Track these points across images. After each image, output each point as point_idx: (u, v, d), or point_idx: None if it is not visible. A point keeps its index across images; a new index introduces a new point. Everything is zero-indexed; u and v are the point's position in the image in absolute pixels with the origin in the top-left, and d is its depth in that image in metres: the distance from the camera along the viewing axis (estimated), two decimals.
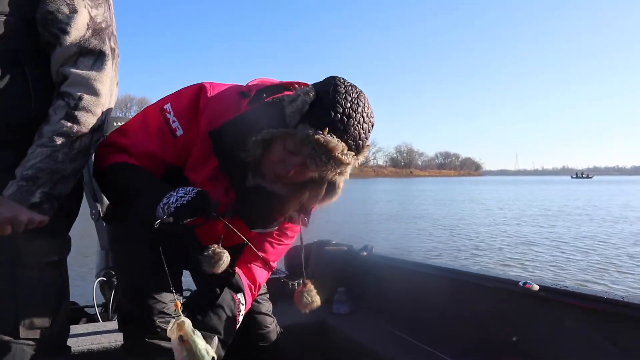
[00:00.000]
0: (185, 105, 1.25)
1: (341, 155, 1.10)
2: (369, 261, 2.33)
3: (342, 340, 2.05)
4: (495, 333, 1.61)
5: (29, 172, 1.04)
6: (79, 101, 1.09)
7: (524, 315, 1.54)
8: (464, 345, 1.70)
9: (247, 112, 1.21)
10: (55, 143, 1.06)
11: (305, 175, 1.18)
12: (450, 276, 1.85)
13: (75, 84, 1.10)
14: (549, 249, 9.54)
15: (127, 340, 1.33)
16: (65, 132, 1.08)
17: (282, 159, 1.16)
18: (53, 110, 1.09)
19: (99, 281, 2.59)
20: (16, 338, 1.09)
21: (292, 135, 1.11)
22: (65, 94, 1.09)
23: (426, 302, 1.94)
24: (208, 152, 1.24)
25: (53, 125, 1.07)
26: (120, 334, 1.96)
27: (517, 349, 1.51)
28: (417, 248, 9.67)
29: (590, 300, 1.33)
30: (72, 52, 1.10)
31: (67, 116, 1.08)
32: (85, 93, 1.10)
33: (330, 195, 1.26)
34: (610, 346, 1.28)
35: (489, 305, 1.66)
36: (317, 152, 1.09)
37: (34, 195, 1.04)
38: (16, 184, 1.04)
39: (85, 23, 1.12)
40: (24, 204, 1.04)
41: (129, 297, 1.31)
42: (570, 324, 1.39)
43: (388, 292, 2.18)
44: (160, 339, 1.24)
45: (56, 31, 1.10)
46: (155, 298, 1.26)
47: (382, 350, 1.83)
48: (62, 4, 1.10)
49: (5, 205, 1.03)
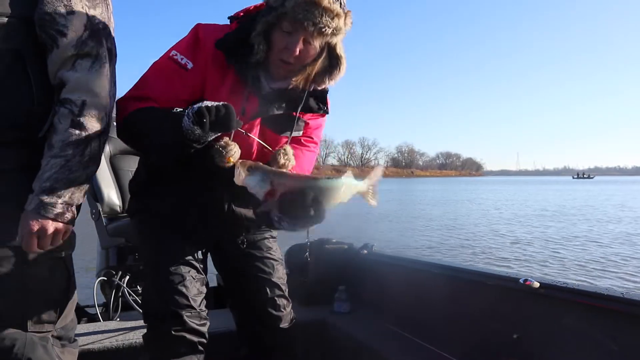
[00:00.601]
0: (187, 42, 1.32)
1: (329, 4, 1.21)
2: (370, 259, 2.33)
3: (343, 339, 2.05)
4: (496, 330, 1.61)
5: (47, 185, 1.07)
6: (82, 107, 1.10)
7: (524, 313, 1.53)
8: (465, 343, 1.70)
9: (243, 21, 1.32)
10: (67, 152, 1.09)
11: (309, 52, 1.28)
12: (450, 274, 1.85)
13: (75, 90, 1.10)
14: (551, 247, 9.57)
15: (151, 332, 1.37)
16: (75, 141, 1.09)
17: (284, 44, 1.25)
18: (58, 120, 1.10)
19: (99, 281, 2.59)
20: (25, 331, 1.12)
21: (284, 13, 1.22)
22: (67, 100, 1.10)
23: (427, 300, 1.94)
24: (221, 70, 1.30)
25: (61, 134, 1.09)
26: (121, 334, 1.98)
27: (517, 346, 1.51)
28: (418, 246, 9.69)
29: (590, 297, 1.33)
30: (70, 55, 1.11)
31: (73, 124, 1.09)
32: (86, 98, 1.11)
33: (337, 68, 1.35)
34: (610, 343, 1.28)
35: (490, 302, 1.66)
36: (308, 9, 1.20)
37: (56, 206, 1.07)
38: (37, 198, 1.07)
39: (82, 24, 1.13)
40: (48, 216, 1.07)
41: (154, 290, 1.37)
42: (571, 321, 1.39)
43: (388, 290, 2.18)
44: (186, 332, 1.31)
45: (53, 33, 1.10)
46: (181, 291, 1.33)
47: (383, 349, 1.83)
48: (60, 5, 1.10)
49: (30, 219, 1.06)
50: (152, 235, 1.42)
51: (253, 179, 1.16)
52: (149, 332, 1.37)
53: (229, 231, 1.48)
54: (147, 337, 1.38)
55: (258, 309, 1.48)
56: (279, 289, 1.51)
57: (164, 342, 1.31)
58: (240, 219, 1.45)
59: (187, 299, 1.33)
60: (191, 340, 1.32)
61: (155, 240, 1.41)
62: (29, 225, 1.06)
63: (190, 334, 1.31)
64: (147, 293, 1.42)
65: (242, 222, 1.46)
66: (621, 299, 1.26)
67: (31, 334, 1.13)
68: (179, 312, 1.31)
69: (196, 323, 1.33)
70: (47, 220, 1.07)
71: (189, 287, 1.35)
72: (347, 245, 2.48)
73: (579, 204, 23.74)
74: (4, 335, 1.09)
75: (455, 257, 8.54)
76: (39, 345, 1.13)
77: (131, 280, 2.65)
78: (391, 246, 9.41)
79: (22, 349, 1.10)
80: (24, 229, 1.07)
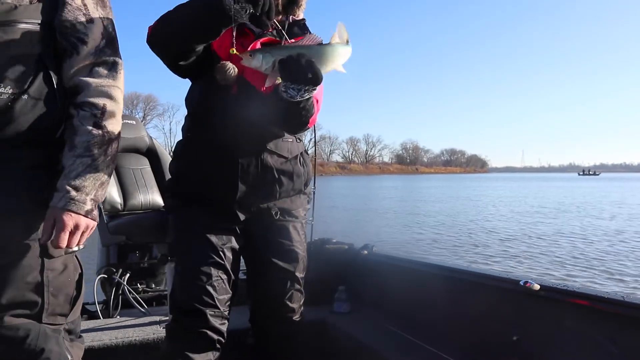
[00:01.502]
0: None
1: None
2: (370, 260, 2.33)
3: (343, 339, 2.05)
4: (496, 332, 1.61)
5: (76, 183, 1.13)
6: (104, 110, 1.17)
7: (524, 314, 1.53)
8: (464, 344, 1.70)
9: None
10: (93, 152, 1.15)
11: None
12: (450, 275, 1.85)
13: (96, 94, 1.17)
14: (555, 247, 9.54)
15: (174, 324, 1.45)
16: (99, 141, 1.16)
17: None
18: (80, 122, 1.16)
19: (99, 278, 2.60)
20: (39, 322, 1.15)
21: None
22: (87, 104, 1.17)
23: (427, 301, 1.94)
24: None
25: (85, 135, 1.15)
26: (121, 331, 1.98)
27: (517, 348, 1.51)
28: (424, 246, 9.68)
29: (590, 300, 1.33)
30: (88, 62, 1.18)
31: (96, 126, 1.16)
32: (106, 103, 1.18)
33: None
34: (610, 346, 1.28)
35: (490, 304, 1.66)
36: None
37: (86, 203, 1.14)
38: (67, 195, 1.12)
39: (100, 33, 1.20)
40: (80, 212, 1.13)
41: (183, 285, 1.44)
42: (571, 324, 1.39)
43: (388, 290, 2.18)
44: (208, 329, 1.39)
45: (75, 40, 1.17)
46: (208, 291, 1.40)
47: (383, 349, 1.83)
48: (80, 14, 1.18)
49: (63, 215, 1.11)
50: (186, 230, 1.49)
51: (256, 60, 1.30)
52: (173, 323, 1.46)
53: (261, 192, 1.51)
54: (170, 329, 1.47)
55: (276, 299, 1.55)
56: (299, 283, 1.58)
57: (186, 336, 1.40)
58: (271, 170, 1.49)
59: (212, 298, 1.40)
60: (211, 338, 1.40)
61: (188, 237, 1.48)
62: (62, 221, 1.11)
63: (211, 332, 1.40)
64: (177, 287, 1.48)
65: (274, 175, 1.50)
66: (621, 302, 1.26)
67: (45, 325, 1.15)
68: (203, 309, 1.38)
69: (218, 322, 1.41)
70: (79, 217, 1.13)
71: (216, 286, 1.42)
72: (347, 245, 2.48)
73: (589, 200, 23.66)
74: (19, 325, 1.12)
75: (454, 255, 8.57)
76: (51, 337, 1.16)
77: (131, 278, 2.65)
78: (394, 243, 9.44)
79: (35, 340, 1.13)
80: (57, 224, 1.11)
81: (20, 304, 1.12)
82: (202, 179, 1.50)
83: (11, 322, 1.11)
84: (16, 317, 1.12)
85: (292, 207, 1.59)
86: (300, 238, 1.61)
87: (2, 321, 1.10)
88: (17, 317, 1.12)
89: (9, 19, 1.08)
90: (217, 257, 1.44)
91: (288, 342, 1.60)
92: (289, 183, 1.55)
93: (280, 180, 1.53)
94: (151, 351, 1.86)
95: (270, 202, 1.54)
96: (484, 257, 8.25)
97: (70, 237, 1.13)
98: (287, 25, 1.53)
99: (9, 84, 1.08)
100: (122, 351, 1.85)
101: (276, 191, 1.53)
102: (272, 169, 1.50)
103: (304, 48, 1.32)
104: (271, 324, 1.58)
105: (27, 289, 1.13)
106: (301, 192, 1.63)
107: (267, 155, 1.49)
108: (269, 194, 1.53)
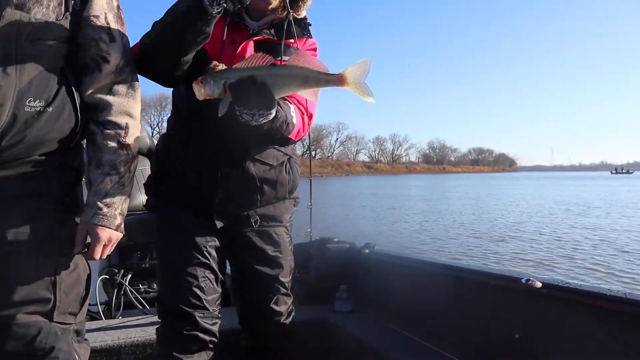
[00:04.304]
0: None
1: None
2: (371, 259, 2.33)
3: (344, 338, 2.05)
4: (498, 330, 1.61)
5: (107, 200, 1.20)
6: (127, 129, 1.24)
7: (526, 313, 1.53)
8: (466, 343, 1.70)
9: None
10: (120, 170, 1.22)
11: None
12: (452, 273, 1.85)
13: (118, 113, 1.23)
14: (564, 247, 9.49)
15: (164, 329, 1.43)
16: (124, 160, 1.23)
17: None
18: (104, 140, 1.22)
19: (101, 279, 2.60)
20: (50, 320, 1.17)
21: None
22: (110, 123, 1.22)
23: (428, 300, 1.94)
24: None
25: (110, 154, 1.22)
26: (123, 332, 1.98)
27: (519, 346, 1.51)
28: (448, 246, 9.64)
29: (592, 298, 1.33)
30: (110, 80, 1.23)
31: (120, 145, 1.22)
32: (129, 121, 1.24)
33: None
34: (613, 344, 1.27)
35: (491, 302, 1.66)
36: None
37: (116, 218, 1.22)
38: (99, 212, 1.20)
39: (120, 52, 1.25)
40: (111, 227, 1.21)
41: (170, 289, 1.42)
42: (573, 321, 1.39)
43: (390, 289, 2.18)
44: (198, 331, 1.37)
45: (98, 58, 1.22)
46: (196, 293, 1.39)
47: (384, 348, 1.83)
48: (103, 33, 1.23)
49: (98, 229, 1.19)
50: (168, 231, 1.48)
51: (208, 87, 1.22)
52: (163, 328, 1.44)
53: (241, 200, 1.49)
54: (161, 333, 1.45)
55: (261, 304, 1.54)
56: (284, 287, 1.56)
57: (177, 340, 1.38)
58: (253, 178, 1.47)
59: (200, 300, 1.39)
60: (203, 339, 1.39)
61: (171, 237, 1.46)
62: (97, 235, 1.19)
63: (202, 333, 1.39)
64: (163, 291, 1.47)
65: (256, 183, 1.47)
66: (624, 300, 1.25)
67: (55, 324, 1.17)
68: (192, 312, 1.38)
69: (208, 323, 1.40)
70: (112, 231, 1.21)
71: (203, 287, 1.40)
72: (348, 244, 2.48)
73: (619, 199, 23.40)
74: (31, 322, 1.14)
75: (466, 253, 8.53)
76: (61, 337, 1.18)
77: (133, 279, 2.66)
78: (409, 242, 9.42)
79: (45, 338, 1.15)
80: (93, 239, 1.19)
81: (33, 301, 1.14)
82: (181, 179, 1.48)
83: (23, 320, 1.13)
84: (28, 314, 1.14)
85: (275, 212, 1.56)
86: (284, 242, 1.57)
87: (14, 318, 1.12)
88: (29, 314, 1.14)
89: (40, 35, 1.13)
90: (202, 257, 1.42)
91: (280, 342, 1.59)
92: (271, 192, 1.51)
93: (262, 189, 1.49)
94: (153, 351, 1.87)
95: (250, 210, 1.51)
96: (507, 259, 8.18)
97: (104, 249, 1.22)
98: (287, 23, 1.48)
99: (38, 98, 1.13)
100: (124, 352, 1.85)
101: (257, 200, 1.50)
102: (254, 177, 1.46)
103: (256, 70, 1.22)
104: (260, 327, 1.58)
105: (41, 286, 1.15)
106: (285, 198, 1.59)
107: (249, 164, 1.45)
108: (249, 202, 1.50)
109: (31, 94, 1.11)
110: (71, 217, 1.23)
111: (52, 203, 1.19)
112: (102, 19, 1.23)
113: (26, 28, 1.10)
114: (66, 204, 1.22)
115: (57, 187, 1.20)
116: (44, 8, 1.13)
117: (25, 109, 1.10)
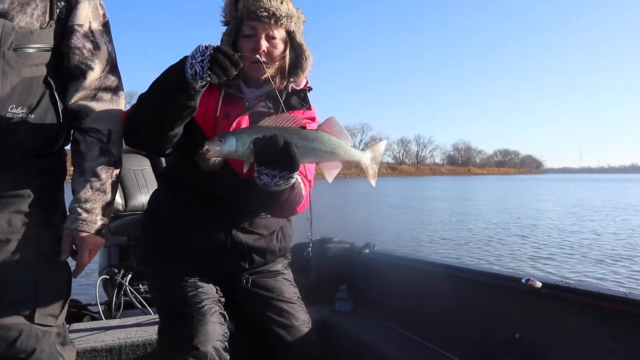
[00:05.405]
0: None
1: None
2: (371, 259, 2.33)
3: (344, 338, 2.05)
4: (498, 330, 1.61)
5: (86, 205, 1.21)
6: (110, 136, 1.24)
7: (526, 312, 1.53)
8: (466, 343, 1.70)
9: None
10: (101, 177, 1.23)
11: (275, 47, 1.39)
12: (452, 273, 1.85)
13: (101, 120, 1.24)
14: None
15: (165, 329, 1.40)
16: (106, 167, 1.24)
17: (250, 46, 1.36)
18: (87, 147, 1.23)
19: (101, 279, 2.60)
20: (31, 322, 1.16)
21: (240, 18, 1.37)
22: (93, 130, 1.24)
23: (428, 300, 1.94)
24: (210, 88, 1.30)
25: (93, 161, 1.23)
26: (123, 332, 1.98)
27: (519, 346, 1.51)
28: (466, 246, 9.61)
29: (593, 297, 1.33)
30: (94, 87, 1.25)
31: (102, 152, 1.23)
32: (111, 127, 1.25)
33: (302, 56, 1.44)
34: (613, 344, 1.27)
35: (492, 302, 1.66)
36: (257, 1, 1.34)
37: (97, 223, 1.22)
38: (79, 218, 1.20)
39: (105, 59, 1.27)
40: (93, 232, 1.22)
41: (170, 291, 1.40)
42: (573, 321, 1.39)
43: (390, 289, 2.18)
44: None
45: (82, 67, 1.24)
46: (196, 292, 1.36)
47: (384, 348, 1.83)
48: (87, 41, 1.24)
49: (83, 236, 1.20)
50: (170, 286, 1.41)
51: (228, 144, 1.15)
52: (163, 327, 1.40)
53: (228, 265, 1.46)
54: (161, 332, 1.41)
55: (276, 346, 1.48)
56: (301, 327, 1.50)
57: (177, 340, 1.32)
58: (242, 247, 1.43)
59: (201, 300, 1.34)
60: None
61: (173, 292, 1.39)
62: (84, 241, 1.20)
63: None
64: (163, 293, 1.44)
65: (244, 252, 1.44)
66: (624, 299, 1.25)
67: (36, 326, 1.17)
68: (192, 312, 1.32)
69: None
70: (96, 237, 1.22)
71: (204, 289, 1.38)
72: (348, 244, 2.48)
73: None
74: (11, 325, 1.13)
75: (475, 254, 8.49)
76: (42, 338, 1.17)
77: (133, 279, 2.65)
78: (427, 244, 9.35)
79: (27, 340, 1.14)
80: (79, 245, 1.21)
81: (13, 303, 1.14)
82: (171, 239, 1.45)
83: (4, 322, 1.12)
84: (8, 316, 1.13)
85: (268, 268, 1.54)
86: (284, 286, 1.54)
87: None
88: (9, 315, 1.13)
89: (23, 43, 1.14)
90: (210, 294, 1.39)
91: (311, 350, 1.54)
92: (260, 260, 1.48)
93: (251, 257, 1.46)
94: (153, 351, 1.86)
95: (239, 273, 1.49)
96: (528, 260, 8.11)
97: (90, 254, 1.23)
98: (287, 94, 1.43)
99: (21, 105, 1.14)
100: (125, 352, 1.85)
101: (244, 267, 1.48)
102: (242, 246, 1.43)
103: (284, 130, 1.17)
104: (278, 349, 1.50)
105: (21, 288, 1.15)
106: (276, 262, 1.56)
107: (238, 233, 1.42)
108: (237, 268, 1.47)
109: (13, 101, 1.12)
110: (50, 219, 1.23)
111: (32, 206, 1.19)
112: (86, 27, 1.25)
113: (9, 36, 1.11)
114: (46, 207, 1.22)
115: (36, 190, 1.20)
116: (28, 17, 1.15)
117: (7, 115, 1.11)
